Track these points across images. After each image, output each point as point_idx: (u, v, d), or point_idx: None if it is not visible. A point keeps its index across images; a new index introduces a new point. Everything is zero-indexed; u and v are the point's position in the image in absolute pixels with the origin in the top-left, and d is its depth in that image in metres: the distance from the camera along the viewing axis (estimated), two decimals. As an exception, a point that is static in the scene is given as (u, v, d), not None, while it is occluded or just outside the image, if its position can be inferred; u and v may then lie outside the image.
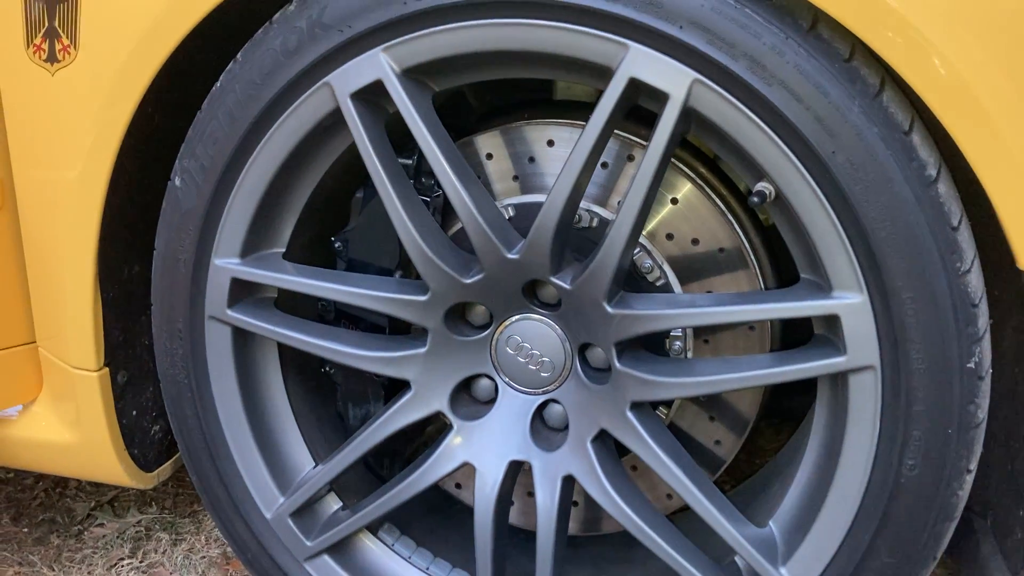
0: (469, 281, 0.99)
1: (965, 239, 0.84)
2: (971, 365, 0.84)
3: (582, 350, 1.02)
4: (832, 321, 0.88)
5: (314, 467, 1.13)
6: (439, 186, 1.06)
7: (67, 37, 1.04)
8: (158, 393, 1.21)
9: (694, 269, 1.06)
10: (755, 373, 0.92)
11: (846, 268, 0.86)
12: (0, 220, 1.15)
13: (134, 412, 1.21)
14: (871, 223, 0.83)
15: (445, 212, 1.10)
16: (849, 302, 0.86)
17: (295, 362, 1.14)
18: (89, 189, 1.06)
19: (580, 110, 1.13)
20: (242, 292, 1.06)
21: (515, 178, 1.10)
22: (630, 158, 1.05)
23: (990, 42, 0.78)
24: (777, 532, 0.98)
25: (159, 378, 1.13)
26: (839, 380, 0.90)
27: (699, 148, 1.10)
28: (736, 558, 1.00)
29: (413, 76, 0.95)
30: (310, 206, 1.08)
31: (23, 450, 1.24)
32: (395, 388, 1.12)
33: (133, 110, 1.01)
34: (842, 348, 0.87)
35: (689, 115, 0.87)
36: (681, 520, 1.07)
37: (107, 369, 1.15)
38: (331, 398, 1.18)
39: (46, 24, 1.04)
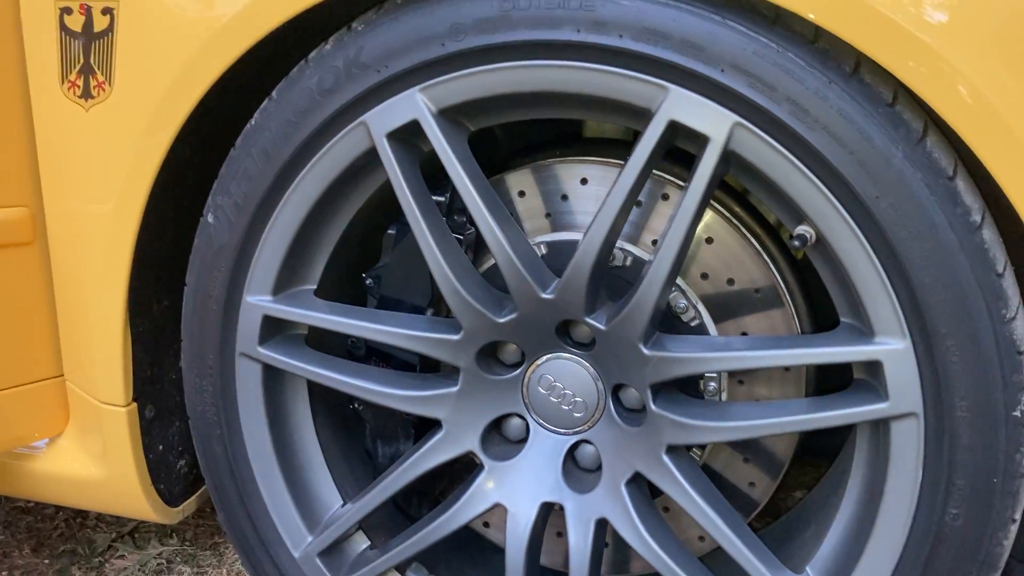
0: (502, 320, 0.98)
1: (1010, 285, 0.83)
2: (1017, 413, 0.83)
3: (615, 390, 1.01)
4: (874, 367, 0.87)
5: (342, 505, 1.12)
6: (471, 223, 1.05)
7: (102, 74, 1.04)
8: (184, 428, 1.21)
9: (729, 308, 1.05)
10: (794, 419, 0.91)
11: (889, 313, 0.85)
12: (29, 253, 1.15)
13: (160, 447, 1.21)
14: (915, 269, 0.82)
15: (476, 248, 1.10)
16: (892, 348, 0.85)
17: (324, 399, 1.14)
18: (122, 224, 1.06)
19: (611, 147, 1.12)
20: (273, 329, 1.06)
21: (547, 215, 1.10)
22: (664, 196, 1.05)
23: (1037, 89, 0.78)
24: (815, 579, 0.96)
25: (188, 414, 1.12)
26: (880, 426, 0.89)
27: (732, 184, 1.09)
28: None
29: (449, 116, 0.94)
30: (342, 242, 1.07)
31: (49, 484, 1.24)
32: (425, 426, 1.11)
33: (167, 147, 1.01)
34: (884, 394, 0.86)
35: (729, 158, 0.87)
36: (714, 562, 1.06)
37: (135, 404, 1.15)
38: (359, 435, 1.17)
39: (81, 61, 1.05)
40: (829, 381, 1.02)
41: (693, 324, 1.05)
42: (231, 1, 0.95)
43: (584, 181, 1.08)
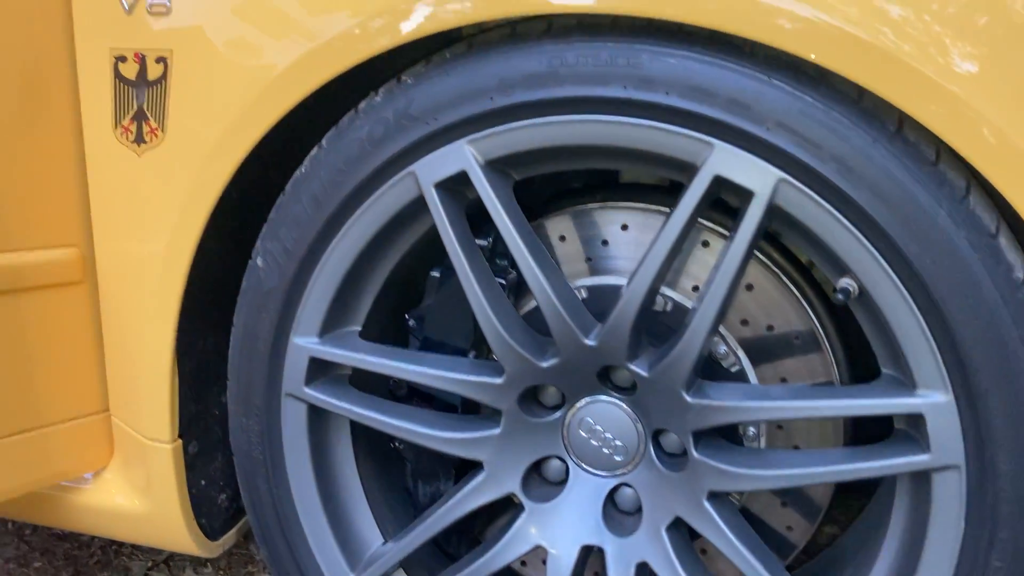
0: (545, 365, 1.00)
1: (1052, 342, 0.84)
2: (1059, 468, 0.84)
3: (656, 435, 1.02)
4: (915, 419, 0.88)
5: (383, 544, 1.14)
6: (513, 267, 1.07)
7: (155, 120, 1.06)
8: (226, 463, 1.23)
9: (768, 353, 1.07)
10: (834, 469, 0.92)
11: (931, 368, 0.86)
12: (78, 292, 1.18)
13: (203, 482, 1.23)
14: (957, 324, 0.84)
15: (517, 291, 1.12)
16: (933, 402, 0.86)
17: (365, 437, 1.15)
18: (173, 265, 1.08)
19: (650, 192, 1.14)
20: (319, 370, 1.08)
21: (587, 260, 1.11)
22: (704, 243, 1.06)
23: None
24: (854, 626, 0.97)
25: (232, 451, 1.14)
26: (921, 476, 0.90)
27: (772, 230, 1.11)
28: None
29: (496, 167, 0.96)
30: (387, 284, 1.09)
31: (94, 516, 1.26)
32: (465, 464, 1.12)
33: (219, 193, 1.04)
34: (925, 446, 0.87)
35: (773, 211, 0.88)
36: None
37: (180, 441, 1.17)
38: (400, 473, 1.19)
39: (135, 107, 1.07)
40: (867, 425, 1.04)
41: (733, 370, 1.06)
42: (284, 54, 0.97)
43: (624, 227, 1.09)
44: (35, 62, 1.10)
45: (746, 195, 0.88)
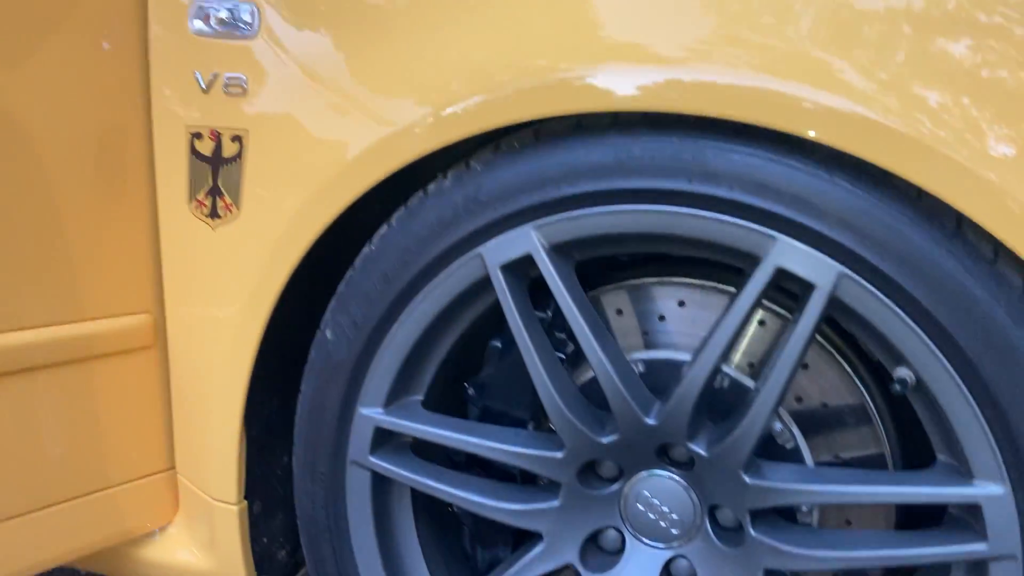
0: (605, 441, 1.03)
1: (1110, 438, 0.86)
2: (1116, 561, 0.86)
3: (712, 509, 1.05)
4: (971, 507, 0.90)
5: (442, 606, 1.17)
6: (571, 340, 1.11)
7: (230, 197, 1.11)
8: (287, 520, 1.27)
9: (821, 430, 1.09)
10: (891, 553, 0.94)
11: (988, 459, 0.88)
12: (149, 357, 1.22)
13: (265, 539, 1.26)
14: (1016, 418, 0.86)
15: (574, 360, 1.15)
16: (990, 493, 0.88)
17: (425, 501, 1.19)
18: (245, 334, 1.12)
19: (705, 267, 1.17)
20: (383, 439, 1.12)
21: (644, 334, 1.14)
22: (761, 323, 1.09)
23: None
24: None
25: (298, 516, 1.18)
26: (977, 562, 0.93)
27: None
28: None
29: (560, 250, 1.00)
30: (448, 354, 1.13)
31: (158, 570, 1.30)
32: (523, 530, 1.15)
33: (292, 269, 1.08)
34: (982, 534, 0.89)
35: (833, 303, 0.91)
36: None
37: (245, 502, 1.21)
38: (458, 537, 1.22)
39: (209, 183, 1.12)
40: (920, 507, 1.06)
41: (788, 447, 1.09)
42: (360, 138, 1.02)
43: (681, 303, 1.12)
44: (113, 136, 1.15)
45: (807, 287, 0.90)
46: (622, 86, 0.91)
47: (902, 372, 0.91)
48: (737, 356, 1.11)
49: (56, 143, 1.09)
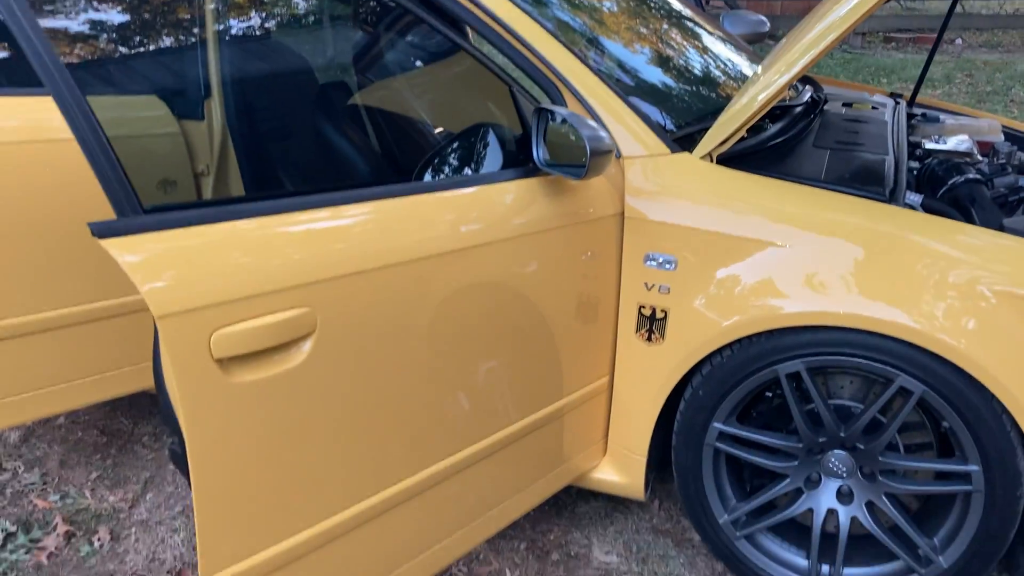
0: (820, 439, 2.55)
1: None
2: None
3: (862, 467, 2.58)
4: (967, 473, 2.42)
5: (736, 501, 2.73)
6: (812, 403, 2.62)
7: (658, 334, 2.59)
8: (660, 466, 2.81)
9: (907, 436, 2.61)
10: (935, 466, 2.47)
11: (974, 456, 2.39)
12: (605, 395, 2.75)
13: (650, 473, 2.81)
14: (989, 446, 2.36)
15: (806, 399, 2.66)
16: (973, 468, 2.39)
17: (727, 460, 2.73)
18: (659, 395, 2.63)
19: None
20: (721, 436, 2.65)
21: (833, 392, 2.64)
22: (889, 403, 2.58)
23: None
24: None
25: (674, 464, 2.71)
26: (968, 492, 2.45)
27: None
28: None
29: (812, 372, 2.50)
30: (740, 402, 2.64)
31: (592, 483, 2.86)
32: (776, 473, 2.70)
33: (684, 374, 2.57)
34: (968, 478, 2.41)
35: (920, 400, 2.40)
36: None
37: (647, 456, 2.75)
38: (739, 475, 2.77)
39: (648, 326, 2.60)
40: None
41: (892, 442, 2.60)
42: (723, 319, 2.48)
43: (851, 382, 2.62)
44: (600, 299, 2.63)
45: (910, 392, 2.39)
46: None
47: (944, 423, 2.41)
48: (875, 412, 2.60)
49: (570, 308, 2.59)
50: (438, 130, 3.36)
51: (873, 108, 3.61)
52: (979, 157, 3.18)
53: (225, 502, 1.64)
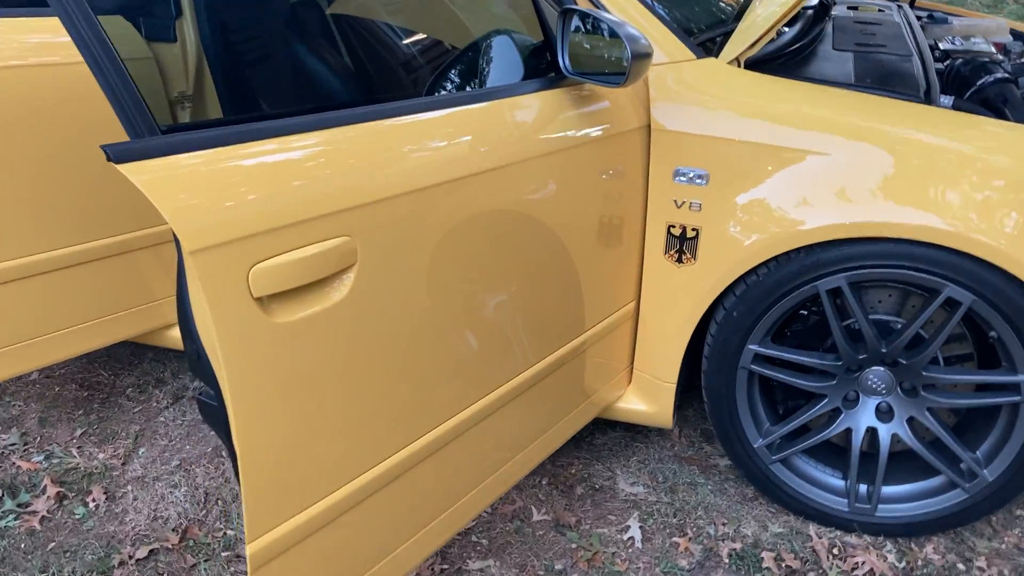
0: (860, 356, 2.44)
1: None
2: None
3: (901, 382, 2.49)
4: (1016, 384, 2.34)
5: (770, 424, 2.63)
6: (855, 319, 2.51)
7: (689, 254, 2.44)
8: (689, 392, 2.69)
9: (948, 348, 2.51)
10: (979, 378, 2.39)
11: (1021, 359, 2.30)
12: (629, 320, 2.60)
13: (676, 399, 2.70)
14: (1036, 353, 2.28)
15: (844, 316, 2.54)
16: (1022, 379, 2.31)
17: (761, 382, 2.62)
18: (689, 320, 2.49)
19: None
20: (755, 359, 2.52)
21: (875, 303, 2.53)
22: (937, 312, 2.48)
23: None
24: None
25: (705, 390, 2.59)
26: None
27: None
28: None
29: (853, 286, 2.37)
30: (776, 322, 2.52)
31: (619, 413, 2.73)
32: (812, 393, 2.59)
33: (718, 295, 2.43)
34: (1017, 390, 2.33)
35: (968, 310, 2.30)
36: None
37: (676, 383, 2.62)
38: (772, 397, 2.66)
39: (677, 246, 2.45)
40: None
41: (933, 356, 2.51)
42: (752, 239, 2.34)
43: (890, 295, 2.51)
44: (624, 220, 2.46)
45: (957, 303, 2.28)
46: None
47: (992, 333, 2.31)
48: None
49: (604, 223, 2.42)
50: (440, 41, 3.11)
51: (879, 11, 3.45)
52: (1000, 57, 3.05)
53: (273, 455, 1.46)
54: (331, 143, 1.54)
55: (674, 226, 2.45)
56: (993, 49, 3.08)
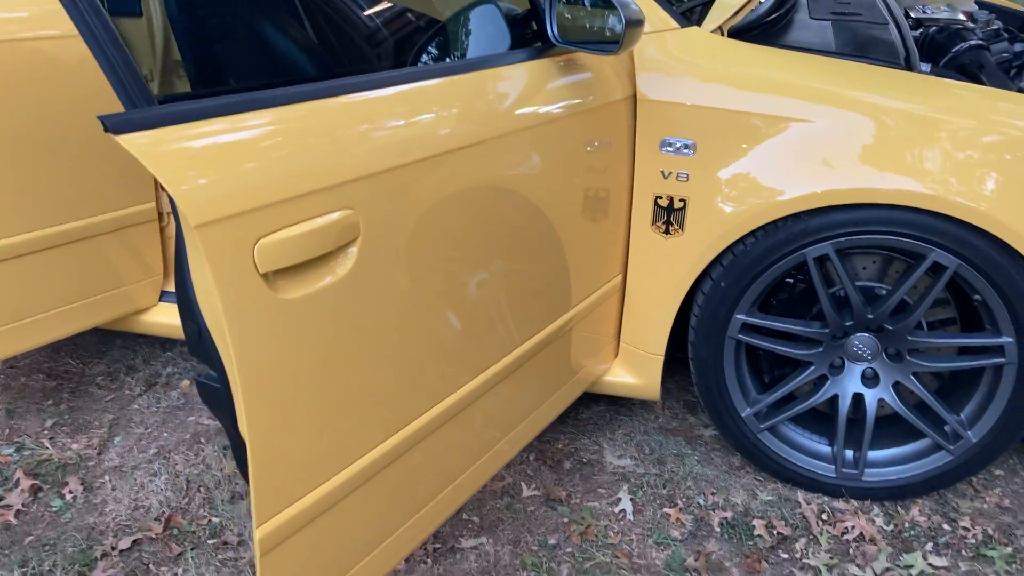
0: (847, 323, 2.46)
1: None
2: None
3: (887, 348, 2.51)
4: (1000, 346, 2.37)
5: (758, 393, 2.64)
6: (841, 286, 2.52)
7: (676, 225, 2.43)
8: (675, 364, 2.69)
9: (933, 312, 2.54)
10: (965, 341, 2.43)
11: (1008, 328, 2.33)
12: (618, 294, 2.58)
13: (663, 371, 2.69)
14: (1020, 314, 2.31)
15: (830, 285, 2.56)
16: (1006, 340, 2.34)
17: (748, 351, 2.62)
18: (676, 293, 2.48)
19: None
20: (743, 328, 2.52)
21: (861, 270, 2.54)
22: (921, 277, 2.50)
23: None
24: None
25: (692, 360, 2.59)
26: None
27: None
28: None
29: (841, 253, 2.38)
30: (764, 290, 2.52)
31: (607, 386, 2.72)
32: (799, 361, 2.60)
33: (706, 266, 2.42)
34: (1001, 352, 2.37)
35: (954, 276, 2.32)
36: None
37: (664, 355, 2.62)
38: (757, 366, 2.67)
39: (664, 218, 2.44)
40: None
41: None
42: (737, 210, 2.33)
43: (874, 261, 2.52)
44: (611, 192, 2.44)
45: (943, 268, 2.30)
46: None
47: (977, 296, 2.34)
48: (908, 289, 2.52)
49: (588, 197, 2.40)
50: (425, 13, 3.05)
51: (849, -20, 3.46)
52: (971, 24, 3.08)
53: (281, 435, 1.42)
54: (325, 113, 1.49)
55: (661, 197, 2.43)
56: (963, 17, 3.10)
